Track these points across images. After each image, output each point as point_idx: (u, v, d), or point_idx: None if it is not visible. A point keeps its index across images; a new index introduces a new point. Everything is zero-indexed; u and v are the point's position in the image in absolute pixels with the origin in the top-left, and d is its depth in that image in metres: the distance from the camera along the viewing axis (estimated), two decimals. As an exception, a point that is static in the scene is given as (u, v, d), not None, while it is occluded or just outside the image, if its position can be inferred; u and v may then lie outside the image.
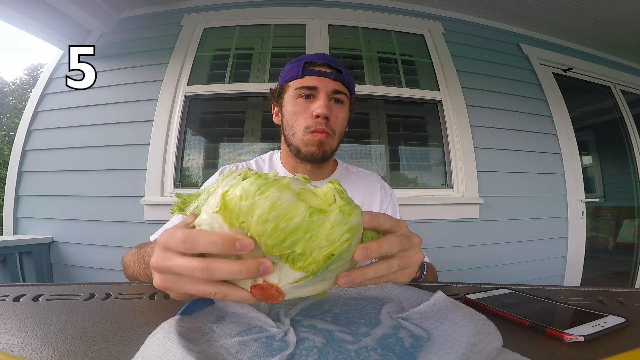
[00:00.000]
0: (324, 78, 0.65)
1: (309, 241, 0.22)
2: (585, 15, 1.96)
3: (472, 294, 0.36)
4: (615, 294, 0.40)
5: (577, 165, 1.91)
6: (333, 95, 0.66)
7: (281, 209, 0.21)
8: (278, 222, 0.21)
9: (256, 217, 0.21)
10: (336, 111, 0.67)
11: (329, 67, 0.67)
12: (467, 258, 1.63)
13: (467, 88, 1.83)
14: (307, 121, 0.64)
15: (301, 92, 0.65)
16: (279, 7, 1.92)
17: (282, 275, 0.23)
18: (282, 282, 0.23)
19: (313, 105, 0.64)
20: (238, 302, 0.28)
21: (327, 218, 0.22)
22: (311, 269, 0.22)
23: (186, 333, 0.24)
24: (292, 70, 0.67)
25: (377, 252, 0.25)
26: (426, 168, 1.84)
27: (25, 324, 0.28)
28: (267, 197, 0.21)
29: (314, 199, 0.24)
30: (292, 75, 0.67)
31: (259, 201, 0.21)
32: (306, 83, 0.65)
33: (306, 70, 0.66)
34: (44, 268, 1.60)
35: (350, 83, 0.70)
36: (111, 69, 1.82)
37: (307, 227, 0.21)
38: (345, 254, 0.23)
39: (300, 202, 0.22)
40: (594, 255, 2.16)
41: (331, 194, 0.24)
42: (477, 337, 0.23)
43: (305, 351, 0.23)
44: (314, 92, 0.65)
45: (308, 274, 0.22)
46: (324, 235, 0.22)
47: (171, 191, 1.58)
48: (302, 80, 0.65)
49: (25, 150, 1.75)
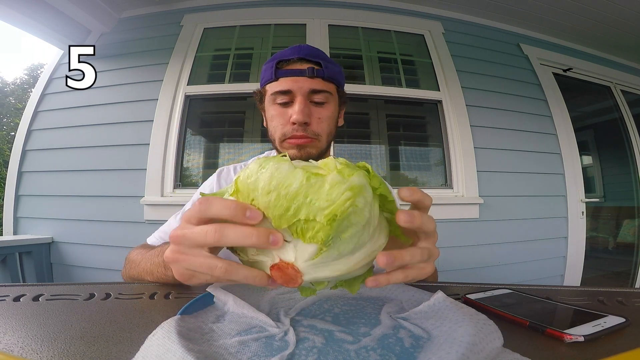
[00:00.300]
0: (299, 78, 0.59)
1: (310, 205, 0.21)
2: (585, 15, 1.96)
3: (472, 294, 0.36)
4: (615, 294, 0.40)
5: (577, 165, 1.91)
6: (311, 97, 0.60)
7: (280, 177, 0.22)
8: (279, 191, 0.22)
9: (260, 190, 0.22)
10: (318, 113, 0.60)
11: (305, 61, 0.60)
12: (467, 258, 1.63)
13: (467, 88, 1.83)
14: (285, 128, 0.59)
15: (276, 97, 0.60)
16: (279, 7, 1.92)
17: (298, 253, 0.23)
18: (298, 260, 0.23)
19: (290, 110, 0.59)
20: (243, 293, 0.28)
21: (325, 180, 0.22)
22: (320, 236, 0.21)
23: (186, 333, 0.24)
24: (267, 71, 0.62)
25: (400, 261, 0.25)
26: (426, 168, 1.85)
27: (25, 324, 0.28)
28: (267, 170, 0.22)
29: (314, 168, 0.24)
30: (267, 78, 0.62)
31: (261, 175, 0.22)
32: (279, 87, 0.59)
33: (279, 71, 0.60)
34: (44, 268, 1.60)
35: (334, 75, 0.63)
36: (111, 69, 1.82)
37: (306, 191, 0.21)
38: (352, 217, 0.22)
39: (298, 169, 0.22)
40: (594, 255, 2.16)
41: (332, 163, 0.24)
42: (477, 337, 0.23)
43: (305, 351, 0.23)
44: (290, 96, 0.59)
45: (320, 244, 0.22)
46: (324, 196, 0.21)
47: (171, 191, 1.58)
48: (276, 83, 0.60)
49: (25, 150, 1.75)
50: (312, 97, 0.60)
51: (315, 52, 0.63)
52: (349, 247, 0.23)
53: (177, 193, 1.57)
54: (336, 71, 0.64)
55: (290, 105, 0.59)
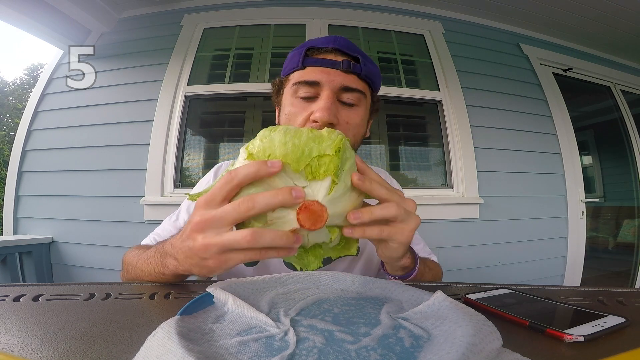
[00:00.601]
0: (331, 70, 0.49)
1: (320, 144, 0.27)
2: (586, 15, 1.96)
3: (472, 294, 0.36)
4: (615, 294, 0.40)
5: (577, 165, 1.91)
6: (341, 95, 0.50)
7: (292, 132, 0.28)
8: (294, 141, 0.27)
9: (277, 143, 0.27)
10: (346, 116, 0.50)
11: (341, 53, 0.51)
12: (467, 258, 1.63)
13: (467, 88, 1.83)
14: (303, 122, 0.49)
15: (299, 88, 0.50)
16: (279, 7, 1.92)
17: (316, 192, 0.27)
18: (318, 196, 0.27)
19: (313, 105, 0.49)
20: (243, 293, 0.32)
21: (322, 132, 0.29)
22: (331, 168, 0.27)
23: (186, 333, 0.24)
24: (293, 58, 0.53)
25: (368, 216, 0.30)
26: (426, 168, 1.85)
27: (25, 324, 0.28)
28: (279, 131, 0.28)
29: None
30: (293, 65, 0.52)
31: (274, 135, 0.28)
32: (306, 77, 0.49)
33: (308, 59, 0.50)
34: (44, 268, 1.60)
35: (371, 76, 0.53)
36: (111, 69, 1.82)
37: (313, 138, 0.28)
38: (347, 151, 0.29)
39: (301, 128, 0.29)
40: (594, 255, 2.16)
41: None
42: (477, 337, 0.23)
43: (305, 351, 0.23)
44: (317, 89, 0.49)
45: (332, 176, 0.27)
46: (326, 139, 0.28)
47: (171, 191, 1.58)
48: (302, 72, 0.50)
49: (25, 150, 1.75)
50: (342, 95, 0.50)
51: (354, 47, 0.53)
52: (348, 181, 0.29)
53: (177, 193, 1.57)
54: (374, 72, 0.55)
55: (313, 101, 0.49)
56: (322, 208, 0.27)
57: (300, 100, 0.50)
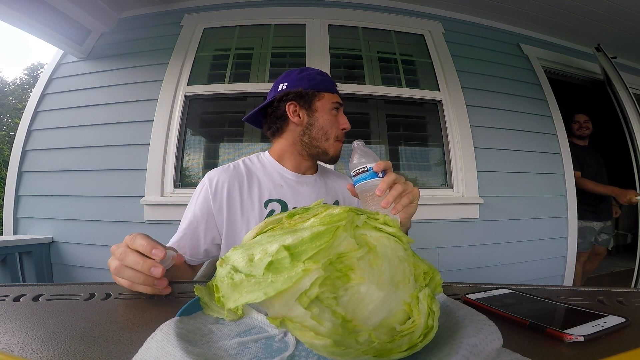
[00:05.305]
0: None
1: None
2: (586, 15, 1.95)
3: (472, 294, 0.36)
4: (615, 294, 0.40)
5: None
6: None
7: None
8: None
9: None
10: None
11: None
12: (467, 258, 1.63)
13: (467, 88, 1.83)
14: (337, 132, 0.76)
15: (335, 106, 0.76)
16: (279, 7, 1.92)
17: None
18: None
19: (340, 119, 0.76)
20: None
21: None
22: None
23: (185, 335, 0.24)
24: (326, 83, 0.76)
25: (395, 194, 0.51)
26: (426, 168, 1.84)
27: (25, 324, 0.28)
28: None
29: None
30: (327, 88, 0.76)
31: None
32: (339, 100, 0.77)
33: (335, 88, 0.78)
34: (44, 268, 1.60)
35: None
36: (111, 69, 1.82)
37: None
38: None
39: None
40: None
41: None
42: (477, 337, 0.22)
43: (305, 352, 0.23)
44: (340, 108, 0.78)
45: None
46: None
47: (171, 191, 1.57)
48: (335, 96, 0.76)
49: (25, 150, 1.75)
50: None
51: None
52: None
53: (177, 193, 1.57)
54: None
55: (338, 115, 0.77)
56: None
57: (335, 112, 0.76)
